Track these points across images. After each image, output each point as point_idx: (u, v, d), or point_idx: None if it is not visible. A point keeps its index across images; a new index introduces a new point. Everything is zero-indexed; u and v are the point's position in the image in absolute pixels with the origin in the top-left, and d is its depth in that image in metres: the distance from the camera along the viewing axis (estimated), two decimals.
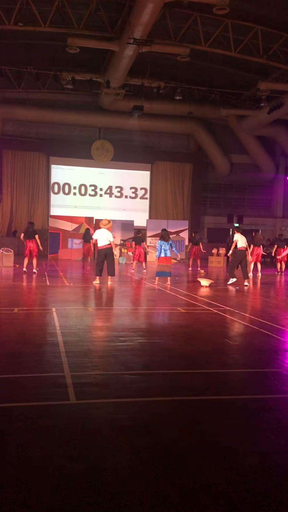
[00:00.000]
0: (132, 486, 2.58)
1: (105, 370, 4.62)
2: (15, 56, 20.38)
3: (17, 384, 4.15)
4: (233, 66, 20.02)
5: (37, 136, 25.65)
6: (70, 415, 3.49)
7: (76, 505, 2.40)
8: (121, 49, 17.33)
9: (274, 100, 20.69)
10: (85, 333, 6.38)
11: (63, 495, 2.48)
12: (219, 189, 28.55)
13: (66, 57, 19.07)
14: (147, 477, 2.67)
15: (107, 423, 3.37)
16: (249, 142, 26.23)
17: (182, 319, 7.57)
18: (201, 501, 2.47)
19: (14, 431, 3.20)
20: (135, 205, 27.09)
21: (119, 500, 2.46)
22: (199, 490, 2.56)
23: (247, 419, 3.54)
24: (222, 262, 20.46)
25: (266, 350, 5.64)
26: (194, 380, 4.41)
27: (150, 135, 26.92)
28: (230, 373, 4.72)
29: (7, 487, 2.54)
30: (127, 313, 8.05)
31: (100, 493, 2.50)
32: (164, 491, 2.54)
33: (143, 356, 5.19)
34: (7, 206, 25.26)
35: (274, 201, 28.72)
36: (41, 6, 16.01)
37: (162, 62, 19.91)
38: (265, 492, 2.57)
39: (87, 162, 25.87)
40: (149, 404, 3.76)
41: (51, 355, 5.02)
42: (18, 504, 2.39)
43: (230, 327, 7.10)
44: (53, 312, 7.53)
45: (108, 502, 2.43)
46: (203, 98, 24.60)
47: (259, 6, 15.45)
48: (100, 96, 22.71)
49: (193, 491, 2.55)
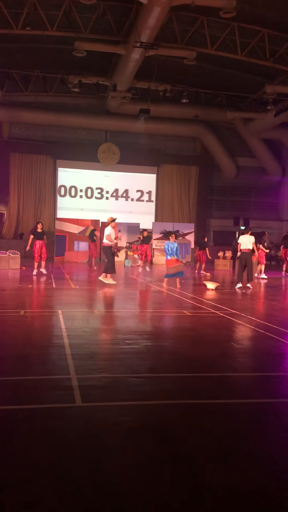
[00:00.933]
0: (137, 488, 2.58)
1: (111, 372, 4.63)
2: (22, 59, 20.53)
3: (23, 386, 4.16)
4: (240, 69, 20.02)
5: (44, 139, 25.78)
6: (76, 417, 3.50)
7: (81, 507, 2.40)
8: (128, 53, 17.41)
9: (281, 103, 20.67)
10: (91, 336, 6.39)
11: (68, 497, 2.48)
12: (225, 192, 28.51)
13: (73, 60, 19.18)
14: (152, 479, 2.67)
15: (112, 425, 3.37)
16: (255, 145, 26.20)
17: (188, 322, 7.56)
18: (206, 504, 2.47)
19: (20, 433, 3.21)
20: (141, 208, 27.12)
21: (124, 502, 2.46)
22: (204, 492, 2.56)
23: (253, 422, 3.53)
24: (229, 265, 20.40)
25: (272, 354, 5.62)
26: (200, 384, 4.40)
27: (156, 138, 26.97)
28: (236, 377, 4.70)
29: (12, 488, 2.55)
30: (133, 316, 8.05)
31: (105, 496, 2.51)
32: (170, 494, 2.53)
33: (149, 359, 5.19)
34: (14, 208, 25.39)
35: (280, 204, 28.62)
36: (49, 10, 16.13)
37: (169, 65, 19.96)
38: (270, 496, 2.56)
39: (94, 165, 25.95)
40: (155, 407, 3.76)
41: (57, 358, 5.03)
42: (22, 505, 2.40)
43: (236, 330, 7.08)
44: (59, 315, 7.55)
45: (112, 505, 2.43)
46: (210, 101, 24.62)
47: (266, 9, 15.46)
48: (107, 99, 22.80)
49: (198, 494, 2.55)
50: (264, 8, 15.40)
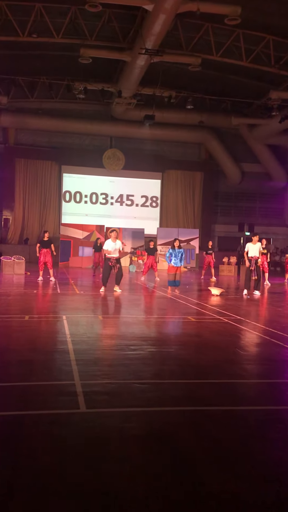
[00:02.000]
0: (142, 494, 2.57)
1: (115, 378, 4.61)
2: (28, 66, 20.71)
3: (28, 391, 4.16)
4: (245, 75, 20.09)
5: (49, 145, 25.92)
6: (80, 423, 3.49)
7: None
8: (133, 59, 17.51)
9: (286, 109, 20.69)
10: (95, 341, 6.38)
11: (73, 504, 2.47)
12: (230, 198, 28.51)
13: (79, 67, 19.32)
14: (157, 485, 2.66)
15: (117, 432, 3.36)
16: (260, 150, 26.21)
17: (193, 328, 7.53)
18: (211, 510, 2.45)
19: (25, 438, 3.20)
20: (146, 213, 27.16)
21: (128, 508, 2.44)
22: (209, 499, 2.54)
23: (258, 429, 3.50)
24: (233, 271, 20.35)
25: (277, 360, 5.59)
26: (205, 390, 4.37)
27: (161, 144, 27.05)
28: (241, 383, 4.68)
29: (17, 494, 2.54)
30: (137, 322, 8.04)
31: (109, 501, 2.49)
32: (174, 500, 2.52)
33: (153, 365, 5.17)
34: (19, 214, 25.50)
35: (285, 209, 28.58)
36: (55, 18, 16.29)
37: (174, 71, 20.06)
38: (274, 503, 2.54)
39: (99, 170, 26.05)
40: (160, 414, 3.74)
41: (61, 363, 5.03)
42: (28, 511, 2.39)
43: (241, 336, 7.05)
44: (64, 320, 7.55)
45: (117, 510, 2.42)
46: (214, 107, 24.69)
47: (271, 16, 15.52)
48: (112, 105, 22.92)
49: (203, 500, 2.53)
50: (269, 15, 15.47)
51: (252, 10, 15.06)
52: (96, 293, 11.63)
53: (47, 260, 13.98)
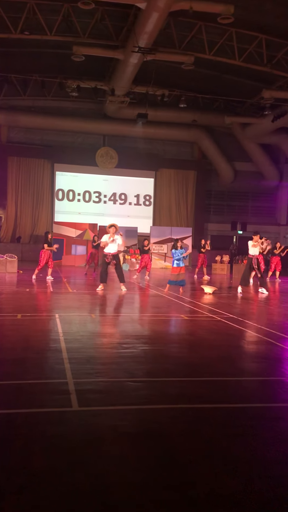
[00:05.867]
0: (135, 493, 2.57)
1: (108, 377, 4.61)
2: (21, 64, 20.58)
3: (20, 390, 4.15)
4: (237, 74, 20.12)
5: (42, 143, 25.81)
6: (73, 422, 3.49)
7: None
8: (126, 58, 17.47)
9: (278, 108, 20.76)
10: (88, 340, 6.38)
11: (66, 502, 2.47)
12: (223, 196, 28.58)
13: (72, 65, 19.24)
14: (150, 484, 2.66)
15: (110, 430, 3.36)
16: (253, 149, 26.29)
17: (186, 326, 7.55)
18: (204, 509, 2.45)
19: (17, 437, 3.19)
20: (139, 212, 27.15)
21: (122, 507, 2.44)
22: (202, 497, 2.55)
23: (251, 427, 3.52)
24: (226, 270, 20.42)
25: (269, 358, 5.62)
26: (198, 388, 4.39)
27: (154, 143, 27.04)
28: (234, 381, 4.70)
29: (10, 494, 2.53)
30: (131, 320, 8.04)
31: (103, 501, 2.49)
32: (168, 499, 2.52)
33: (146, 363, 5.18)
34: (11, 212, 25.38)
35: (278, 208, 28.72)
36: (47, 15, 16.19)
37: (167, 70, 20.04)
38: (268, 502, 2.55)
39: (92, 169, 25.99)
40: (153, 412, 3.75)
41: (54, 362, 5.02)
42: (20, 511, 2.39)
43: (234, 334, 7.07)
44: (57, 318, 7.54)
45: (110, 510, 2.42)
46: (207, 106, 24.71)
47: (263, 15, 15.55)
48: (105, 103, 22.86)
49: (196, 499, 2.54)
50: (261, 14, 15.50)
51: (245, 9, 15.08)
52: (89, 292, 11.61)
53: (50, 260, 14.02)
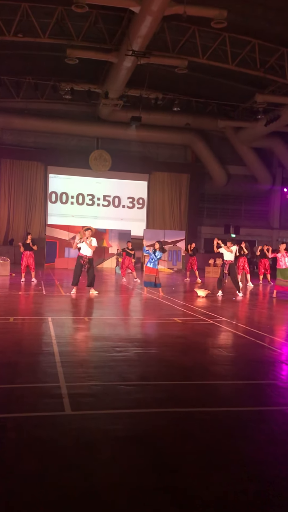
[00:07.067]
0: (127, 496, 2.56)
1: (101, 380, 4.60)
2: (14, 66, 20.55)
3: (12, 394, 4.13)
4: (231, 78, 20.23)
5: (35, 145, 25.75)
6: (65, 426, 3.47)
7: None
8: (120, 61, 17.51)
9: (271, 113, 20.89)
10: (81, 343, 6.36)
11: (57, 507, 2.46)
12: (216, 200, 28.68)
13: (65, 67, 19.24)
14: (142, 487, 2.66)
15: (102, 434, 3.35)
16: (246, 153, 26.43)
17: (179, 329, 7.56)
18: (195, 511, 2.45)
19: (9, 441, 3.18)
20: (133, 215, 27.16)
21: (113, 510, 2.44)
22: (193, 500, 2.55)
23: (243, 430, 3.53)
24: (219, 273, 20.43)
25: (262, 362, 5.64)
26: (190, 391, 4.39)
27: (148, 146, 27.09)
28: (226, 385, 4.71)
29: (1, 499, 2.51)
30: (123, 323, 8.03)
31: (95, 504, 2.48)
32: (159, 502, 2.52)
33: (139, 367, 5.17)
34: (4, 215, 25.29)
35: (270, 212, 28.87)
36: (41, 17, 16.19)
37: (160, 73, 20.11)
38: (258, 504, 2.56)
39: (85, 171, 25.97)
40: (145, 416, 3.75)
41: (46, 365, 5.00)
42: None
43: (226, 338, 7.09)
44: (49, 322, 7.51)
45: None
46: (201, 110, 24.82)
47: (257, 20, 15.67)
48: (99, 106, 22.88)
49: (187, 501, 2.53)
50: (255, 19, 15.61)
51: (238, 14, 15.18)
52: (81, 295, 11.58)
53: (30, 262, 14.02)
